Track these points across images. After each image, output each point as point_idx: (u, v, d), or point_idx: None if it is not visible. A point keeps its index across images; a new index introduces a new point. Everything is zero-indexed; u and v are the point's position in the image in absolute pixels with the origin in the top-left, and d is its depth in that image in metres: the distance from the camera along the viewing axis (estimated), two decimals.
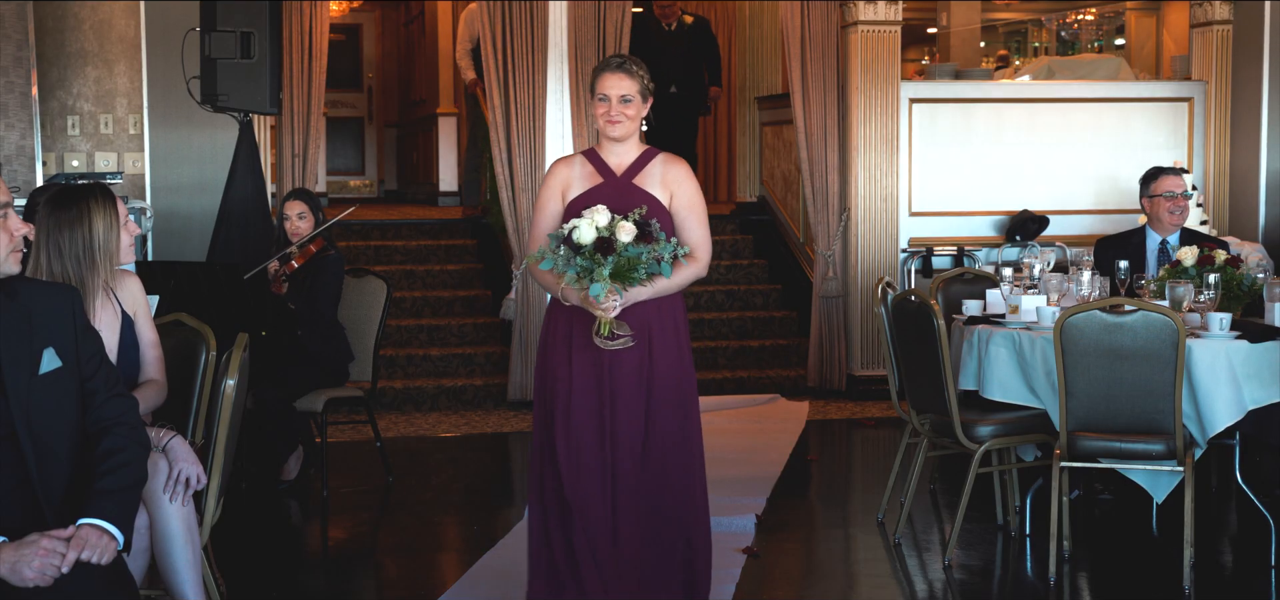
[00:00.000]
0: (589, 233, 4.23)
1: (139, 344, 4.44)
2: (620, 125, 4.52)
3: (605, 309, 4.32)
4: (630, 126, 4.54)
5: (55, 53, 8.71)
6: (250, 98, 7.57)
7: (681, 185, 4.56)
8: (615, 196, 4.46)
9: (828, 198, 9.52)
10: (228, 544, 5.64)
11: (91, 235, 4.28)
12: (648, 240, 4.28)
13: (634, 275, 4.27)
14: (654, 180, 4.54)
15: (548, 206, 4.58)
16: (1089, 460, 5.41)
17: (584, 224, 4.25)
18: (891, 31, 9.42)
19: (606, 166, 4.57)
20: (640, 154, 4.60)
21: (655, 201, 4.49)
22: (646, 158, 4.59)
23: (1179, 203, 6.56)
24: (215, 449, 4.19)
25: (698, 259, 4.54)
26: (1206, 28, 9.85)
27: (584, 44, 9.06)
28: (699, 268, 4.54)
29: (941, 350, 5.52)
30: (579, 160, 4.62)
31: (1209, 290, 5.62)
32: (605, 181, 4.54)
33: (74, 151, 8.78)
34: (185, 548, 3.95)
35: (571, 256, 4.26)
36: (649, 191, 4.51)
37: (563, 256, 4.28)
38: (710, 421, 8.50)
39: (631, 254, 4.23)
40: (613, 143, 4.57)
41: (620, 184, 4.53)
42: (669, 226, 4.50)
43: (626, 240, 4.23)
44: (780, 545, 6.03)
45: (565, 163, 4.64)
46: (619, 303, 4.34)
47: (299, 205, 7.02)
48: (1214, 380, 5.27)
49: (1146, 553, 5.90)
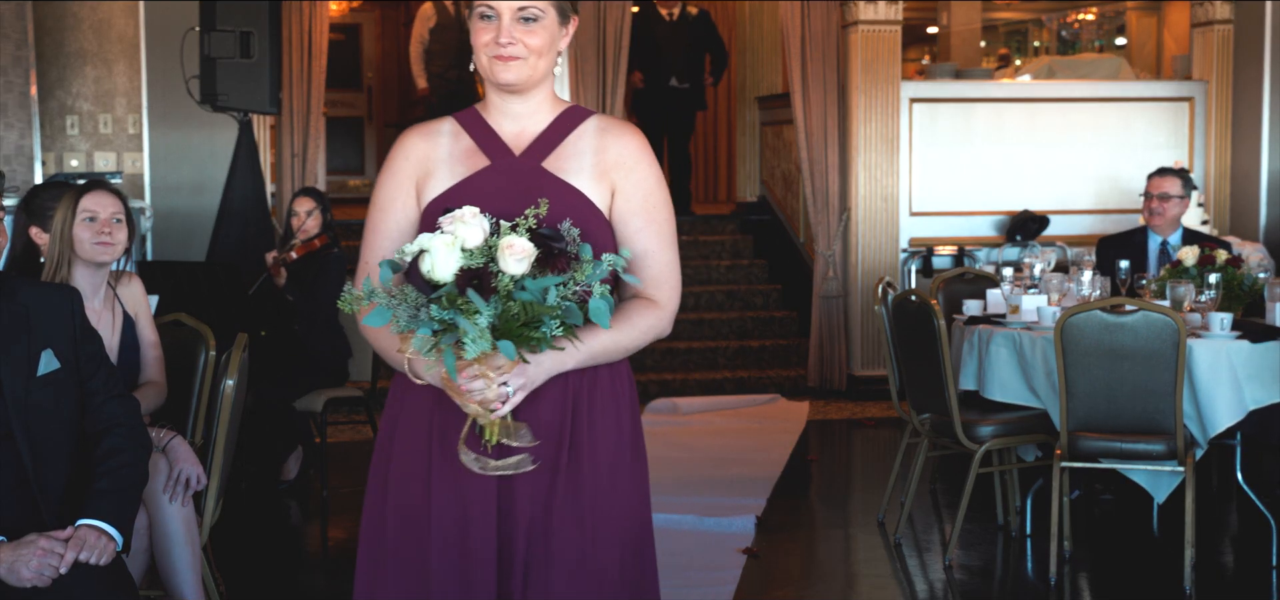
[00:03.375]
0: (448, 260, 2.44)
1: (140, 344, 4.44)
2: (518, 63, 2.67)
3: (485, 400, 2.48)
4: (536, 66, 2.69)
5: (54, 52, 8.71)
6: (250, 97, 7.57)
7: (632, 172, 2.72)
8: (509, 190, 2.65)
9: (828, 197, 9.51)
10: (227, 544, 5.64)
11: None
12: (558, 265, 2.50)
13: (535, 333, 2.46)
14: (581, 162, 2.71)
15: (389, 211, 2.75)
16: (1090, 460, 5.41)
17: (438, 245, 2.44)
18: (892, 31, 9.42)
19: (496, 138, 2.74)
20: (557, 116, 2.75)
21: (581, 198, 2.68)
22: (568, 123, 2.75)
23: (1153, 204, 6.56)
24: (215, 449, 4.19)
25: (658, 300, 2.72)
26: (1207, 27, 9.85)
27: (584, 43, 9.06)
28: (660, 317, 2.73)
29: (942, 350, 5.51)
30: (449, 128, 2.77)
31: (1210, 290, 5.62)
32: (492, 164, 2.71)
33: (73, 151, 8.78)
34: (185, 548, 3.95)
35: (420, 302, 2.45)
36: (570, 182, 2.69)
37: (405, 302, 2.46)
38: (710, 422, 8.51)
39: (529, 294, 2.44)
40: (505, 95, 2.73)
41: (519, 168, 2.70)
42: (606, 242, 2.67)
43: (517, 269, 2.43)
44: (780, 545, 6.03)
45: (422, 134, 2.77)
46: (515, 388, 2.51)
47: (308, 202, 7.03)
48: (1215, 380, 5.27)
49: (1147, 553, 5.90)
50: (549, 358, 2.54)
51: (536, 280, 2.44)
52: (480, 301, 2.40)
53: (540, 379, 2.57)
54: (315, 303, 6.83)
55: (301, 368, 6.84)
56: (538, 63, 2.68)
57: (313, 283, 6.86)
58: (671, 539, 5.88)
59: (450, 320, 2.41)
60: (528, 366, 2.52)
